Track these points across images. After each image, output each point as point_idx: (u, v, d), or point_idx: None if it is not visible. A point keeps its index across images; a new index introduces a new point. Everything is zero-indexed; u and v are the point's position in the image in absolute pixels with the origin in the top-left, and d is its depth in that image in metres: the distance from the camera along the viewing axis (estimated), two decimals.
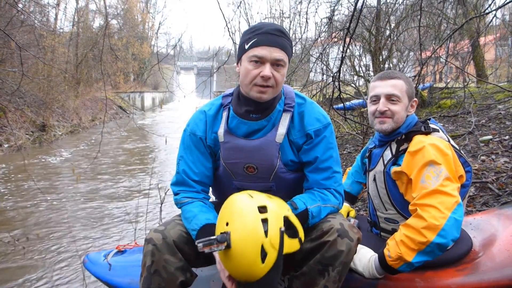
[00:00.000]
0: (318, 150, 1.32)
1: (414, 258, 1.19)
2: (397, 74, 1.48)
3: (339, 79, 3.74)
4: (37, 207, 5.31)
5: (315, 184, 1.34)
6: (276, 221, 1.09)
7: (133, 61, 26.30)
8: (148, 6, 31.27)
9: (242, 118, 1.32)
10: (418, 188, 1.27)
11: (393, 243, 1.25)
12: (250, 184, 1.37)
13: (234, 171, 1.37)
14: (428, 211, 1.19)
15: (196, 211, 1.31)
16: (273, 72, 1.23)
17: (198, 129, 1.39)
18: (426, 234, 1.17)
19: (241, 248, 1.07)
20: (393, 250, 1.23)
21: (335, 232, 1.18)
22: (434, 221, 1.16)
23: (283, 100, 1.34)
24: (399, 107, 1.43)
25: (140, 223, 4.22)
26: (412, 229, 1.20)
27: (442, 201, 1.20)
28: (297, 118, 1.34)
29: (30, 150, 9.68)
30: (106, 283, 1.59)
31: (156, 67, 3.93)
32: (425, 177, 1.26)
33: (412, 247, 1.19)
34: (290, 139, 1.34)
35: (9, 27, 9.28)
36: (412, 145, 1.36)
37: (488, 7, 4.45)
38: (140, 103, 25.07)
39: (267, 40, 1.22)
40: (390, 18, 6.24)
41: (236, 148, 1.33)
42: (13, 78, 10.67)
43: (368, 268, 1.30)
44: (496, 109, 4.64)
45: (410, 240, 1.20)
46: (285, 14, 12.02)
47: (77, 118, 14.61)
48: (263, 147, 1.31)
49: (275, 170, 1.33)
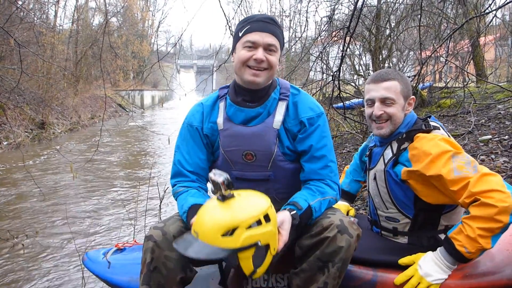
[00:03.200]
0: (313, 138, 1.35)
1: (492, 243, 1.19)
2: (390, 75, 1.44)
3: (339, 78, 3.74)
4: (35, 205, 5.30)
5: (312, 174, 1.36)
6: (262, 234, 1.07)
7: (132, 59, 26.26)
8: (148, 4, 31.24)
9: (239, 105, 1.36)
10: (457, 180, 1.23)
11: (466, 239, 1.20)
12: (249, 173, 1.38)
13: (233, 160, 1.38)
14: (492, 196, 1.16)
15: (188, 196, 1.34)
16: (266, 55, 1.29)
17: (194, 120, 1.43)
18: (501, 218, 1.15)
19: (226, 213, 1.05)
20: (471, 245, 1.20)
21: (334, 228, 1.19)
22: (503, 204, 1.14)
23: (278, 90, 1.39)
24: (394, 109, 1.42)
25: (139, 221, 4.21)
26: (484, 219, 1.17)
27: (496, 182, 1.19)
28: (292, 107, 1.38)
29: (29, 148, 9.67)
30: (106, 281, 1.59)
31: (156, 65, 3.92)
32: (457, 168, 1.24)
33: (488, 235, 1.18)
34: (286, 127, 1.37)
35: (8, 24, 9.24)
36: (420, 144, 1.34)
37: (488, 7, 4.45)
38: (140, 101, 25.04)
39: (259, 27, 1.29)
40: (390, 17, 6.25)
41: (235, 135, 1.35)
42: (12, 75, 10.64)
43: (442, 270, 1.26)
44: (496, 109, 4.65)
45: (485, 230, 1.17)
46: (285, 12, 12.02)
47: (76, 116, 14.59)
48: (261, 133, 1.34)
49: (273, 158, 1.35)
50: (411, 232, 1.44)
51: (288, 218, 1.19)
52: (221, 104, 1.41)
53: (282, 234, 1.15)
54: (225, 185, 1.05)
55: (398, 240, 1.48)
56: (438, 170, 1.26)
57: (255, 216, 1.06)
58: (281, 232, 1.16)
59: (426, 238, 1.42)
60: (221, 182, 1.04)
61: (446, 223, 1.41)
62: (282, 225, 1.17)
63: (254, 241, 1.05)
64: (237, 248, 1.04)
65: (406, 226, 1.45)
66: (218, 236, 1.03)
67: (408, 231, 1.45)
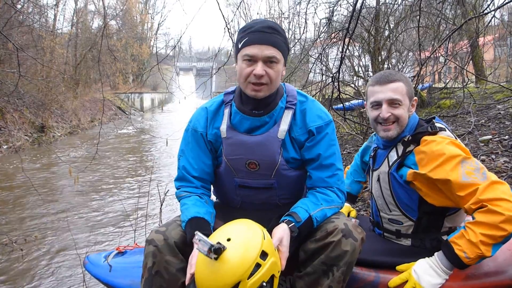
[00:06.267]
0: (321, 147, 1.33)
1: (492, 251, 1.18)
2: (395, 76, 1.41)
3: (339, 80, 3.75)
4: (35, 209, 5.29)
5: (319, 182, 1.34)
6: (264, 273, 1.08)
7: (132, 62, 26.28)
8: (147, 6, 31.28)
9: (245, 114, 1.32)
10: (465, 185, 1.22)
11: (467, 244, 1.19)
12: (252, 181, 1.37)
13: (235, 168, 1.37)
14: (499, 204, 1.16)
15: (190, 204, 1.33)
16: (266, 69, 1.24)
17: (199, 125, 1.40)
18: (506, 227, 1.14)
19: (224, 269, 1.05)
20: (471, 250, 1.19)
21: (339, 233, 1.18)
22: (509, 213, 1.14)
23: (285, 98, 1.36)
24: (402, 110, 1.39)
25: (140, 224, 4.21)
26: (488, 226, 1.16)
27: (503, 191, 1.18)
28: (299, 115, 1.34)
29: (29, 151, 9.66)
30: (107, 285, 1.58)
31: (155, 68, 3.91)
32: (466, 173, 1.22)
33: (490, 243, 1.17)
34: (292, 136, 1.34)
35: (7, 27, 9.24)
36: (428, 148, 1.32)
37: (487, 7, 4.45)
38: (140, 104, 25.05)
39: (257, 39, 1.23)
40: (389, 18, 6.25)
41: (239, 144, 1.33)
42: (12, 79, 10.65)
43: (437, 275, 1.25)
44: (496, 109, 4.65)
45: (488, 237, 1.17)
46: (284, 14, 12.03)
47: (76, 119, 14.59)
48: (265, 142, 1.31)
49: (277, 167, 1.33)
50: (414, 235, 1.43)
51: (286, 233, 1.19)
52: (225, 111, 1.37)
53: (282, 251, 1.15)
54: (213, 251, 1.04)
55: (401, 242, 1.47)
56: (446, 174, 1.24)
57: (253, 262, 1.07)
58: (281, 249, 1.16)
59: (429, 240, 1.41)
60: (208, 251, 1.04)
61: (450, 225, 1.40)
62: (281, 242, 1.17)
63: (259, 285, 1.07)
64: None
65: (409, 229, 1.44)
66: None
67: (411, 233, 1.44)
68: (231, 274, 1.05)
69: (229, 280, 1.05)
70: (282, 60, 1.28)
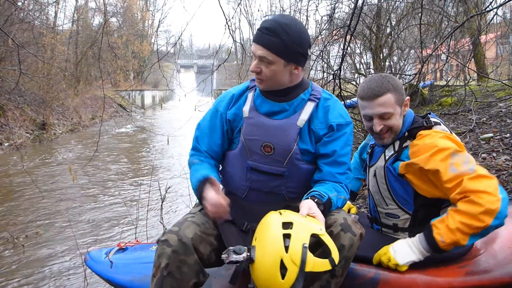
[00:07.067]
0: (338, 144, 1.36)
1: (469, 241, 1.21)
2: (381, 88, 1.37)
3: (340, 77, 3.74)
4: (36, 206, 5.31)
5: (329, 177, 1.36)
6: (299, 237, 1.08)
7: (133, 59, 26.25)
8: (147, 3, 31.23)
9: (266, 97, 1.40)
10: (452, 177, 1.25)
11: (445, 229, 1.23)
12: (264, 166, 1.37)
13: (251, 149, 1.39)
14: (481, 196, 1.18)
15: (200, 168, 1.40)
16: (261, 67, 1.32)
17: (221, 106, 1.48)
18: (484, 219, 1.17)
19: (261, 262, 1.09)
20: (447, 236, 1.22)
21: (338, 226, 1.19)
22: (490, 206, 1.16)
23: (309, 91, 1.40)
24: (394, 120, 1.41)
25: (141, 220, 4.22)
26: (468, 215, 1.19)
27: (489, 185, 1.20)
28: (322, 110, 1.39)
29: (30, 149, 9.68)
30: (108, 281, 1.59)
31: (156, 65, 3.91)
32: (454, 164, 1.26)
33: (467, 232, 1.20)
34: (311, 128, 1.37)
35: (7, 25, 9.24)
36: (421, 141, 1.35)
37: (489, 5, 4.43)
38: (140, 101, 25.03)
39: (255, 38, 1.32)
40: (391, 15, 6.23)
41: (259, 125, 1.38)
42: (12, 76, 10.65)
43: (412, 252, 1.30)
44: (497, 107, 4.64)
45: (466, 226, 1.20)
46: (285, 11, 11.99)
47: (77, 117, 14.60)
48: (283, 127, 1.35)
49: (291, 154, 1.35)
50: (411, 228, 1.45)
51: (313, 204, 1.21)
52: (249, 94, 1.44)
53: (317, 215, 1.17)
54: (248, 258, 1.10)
55: (398, 236, 1.48)
56: (436, 164, 1.28)
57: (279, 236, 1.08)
58: (316, 214, 1.18)
59: None
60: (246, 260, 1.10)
61: None
62: (310, 210, 1.18)
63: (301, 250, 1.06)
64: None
65: (406, 222, 1.46)
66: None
67: (408, 227, 1.46)
68: (269, 260, 1.07)
69: (272, 266, 1.06)
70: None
